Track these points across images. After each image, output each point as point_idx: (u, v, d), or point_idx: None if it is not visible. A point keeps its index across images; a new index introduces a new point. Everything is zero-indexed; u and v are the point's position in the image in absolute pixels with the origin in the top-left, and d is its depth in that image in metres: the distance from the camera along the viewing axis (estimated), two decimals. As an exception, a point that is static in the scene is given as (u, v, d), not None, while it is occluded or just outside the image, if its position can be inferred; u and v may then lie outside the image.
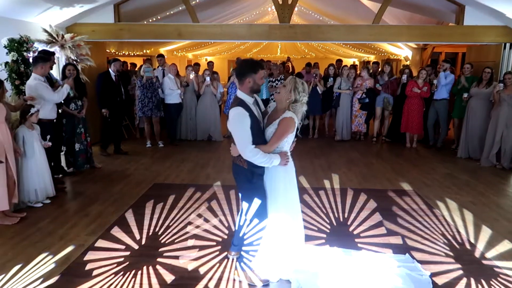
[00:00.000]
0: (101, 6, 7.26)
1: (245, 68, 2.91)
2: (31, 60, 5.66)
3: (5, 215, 4.17)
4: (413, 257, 3.48)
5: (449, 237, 3.95)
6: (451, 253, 3.61)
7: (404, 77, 8.01)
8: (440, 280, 3.15)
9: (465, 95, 7.12)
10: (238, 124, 2.82)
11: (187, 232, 3.97)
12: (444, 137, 8.15)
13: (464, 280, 3.16)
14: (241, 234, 3.15)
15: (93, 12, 7.31)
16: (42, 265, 3.30)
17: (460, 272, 3.29)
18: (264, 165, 2.87)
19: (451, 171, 6.39)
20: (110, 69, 7.00)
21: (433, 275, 3.21)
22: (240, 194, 3.15)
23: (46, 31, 6.27)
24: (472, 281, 3.16)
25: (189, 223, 4.20)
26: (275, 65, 9.10)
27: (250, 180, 2.97)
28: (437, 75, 7.82)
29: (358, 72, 9.69)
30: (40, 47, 5.98)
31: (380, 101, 8.38)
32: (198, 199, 4.92)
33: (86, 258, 3.43)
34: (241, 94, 2.91)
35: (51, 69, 5.52)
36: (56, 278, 3.10)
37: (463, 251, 3.67)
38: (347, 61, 16.37)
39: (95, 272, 3.19)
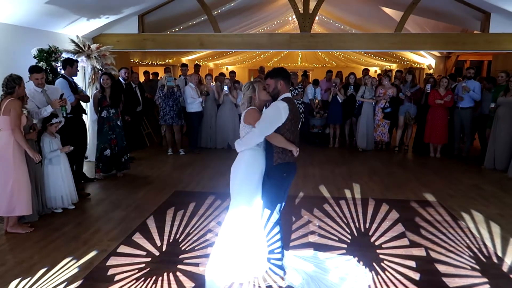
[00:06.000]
0: (126, 17, 7.47)
1: None
2: (59, 70, 5.87)
3: (19, 224, 4.17)
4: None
5: (475, 250, 3.83)
6: (477, 267, 3.50)
7: (428, 86, 7.88)
8: (466, 294, 3.06)
9: (492, 105, 6.94)
10: None
11: (207, 240, 3.99)
12: (469, 147, 7.95)
13: (491, 295, 3.06)
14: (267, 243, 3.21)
15: (118, 23, 7.53)
16: (66, 269, 3.37)
17: (487, 286, 3.18)
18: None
19: (477, 181, 6.21)
20: (120, 78, 7.44)
21: (458, 288, 3.12)
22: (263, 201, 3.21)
23: (73, 41, 6.49)
24: (500, 296, 3.05)
25: (209, 230, 4.22)
26: (294, 74, 9.12)
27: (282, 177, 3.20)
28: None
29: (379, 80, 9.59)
30: (67, 56, 6.18)
31: (403, 111, 8.25)
32: (218, 207, 4.94)
33: (109, 263, 3.49)
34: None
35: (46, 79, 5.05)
36: (80, 282, 3.16)
37: (490, 265, 3.55)
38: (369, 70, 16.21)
39: (117, 278, 3.24)
